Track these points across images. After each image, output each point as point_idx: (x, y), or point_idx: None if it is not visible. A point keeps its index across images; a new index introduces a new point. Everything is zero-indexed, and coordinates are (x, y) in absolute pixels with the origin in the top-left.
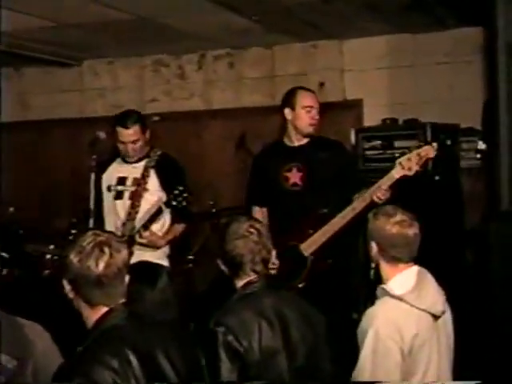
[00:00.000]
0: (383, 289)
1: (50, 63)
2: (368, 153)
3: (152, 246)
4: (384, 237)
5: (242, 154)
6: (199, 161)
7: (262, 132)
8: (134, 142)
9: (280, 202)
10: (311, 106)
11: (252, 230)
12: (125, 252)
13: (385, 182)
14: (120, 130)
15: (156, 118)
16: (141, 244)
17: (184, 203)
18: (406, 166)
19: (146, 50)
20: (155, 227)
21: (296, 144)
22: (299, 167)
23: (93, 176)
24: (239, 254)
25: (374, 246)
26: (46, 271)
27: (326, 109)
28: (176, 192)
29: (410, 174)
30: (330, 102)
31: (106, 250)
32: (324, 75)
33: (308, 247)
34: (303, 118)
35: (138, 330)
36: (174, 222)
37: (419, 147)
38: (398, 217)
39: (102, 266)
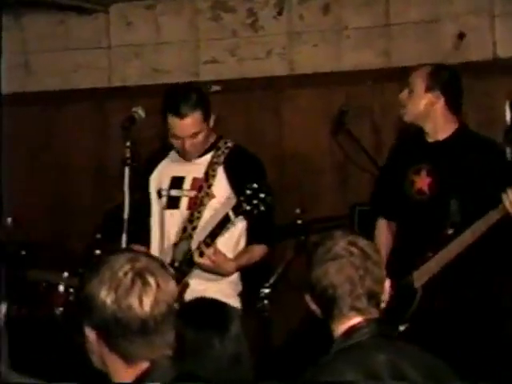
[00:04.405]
0: None
1: (62, 8)
2: None
3: (216, 271)
4: None
5: (342, 138)
6: (279, 150)
7: (370, 106)
8: (193, 135)
9: (403, 215)
10: None
11: (352, 249)
12: (173, 283)
13: None
14: (173, 120)
15: (216, 88)
16: (201, 268)
17: (262, 207)
18: None
19: None
20: (222, 245)
21: (439, 138)
22: (429, 170)
23: (127, 171)
24: (331, 284)
25: None
26: (59, 309)
27: (466, 72)
28: (248, 192)
29: None
30: (473, 61)
31: (151, 280)
32: (465, 23)
33: (420, 277)
34: None
35: None
36: (249, 242)
37: None
38: None
39: (148, 304)
